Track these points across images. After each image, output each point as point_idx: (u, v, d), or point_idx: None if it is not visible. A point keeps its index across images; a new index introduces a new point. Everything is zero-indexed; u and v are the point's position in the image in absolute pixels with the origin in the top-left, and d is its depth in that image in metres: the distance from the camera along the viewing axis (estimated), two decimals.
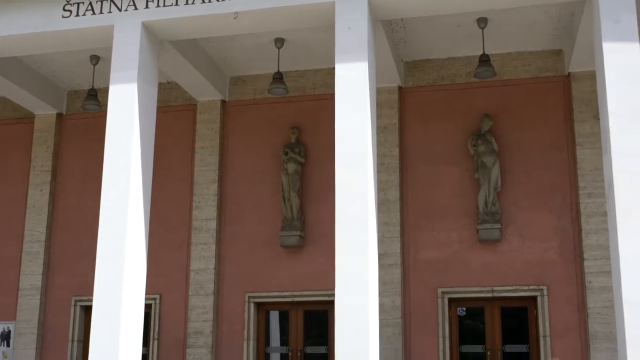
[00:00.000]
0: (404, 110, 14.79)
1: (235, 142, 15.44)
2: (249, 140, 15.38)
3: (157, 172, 13.74)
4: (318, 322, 14.71)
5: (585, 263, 13.28)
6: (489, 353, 13.78)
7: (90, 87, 15.26)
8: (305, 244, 14.59)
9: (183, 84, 14.88)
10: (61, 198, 15.89)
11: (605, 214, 13.09)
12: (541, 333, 13.42)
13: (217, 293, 14.74)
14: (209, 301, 14.57)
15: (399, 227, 14.13)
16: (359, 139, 10.97)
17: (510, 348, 13.78)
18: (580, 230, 13.51)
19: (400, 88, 14.78)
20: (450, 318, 13.94)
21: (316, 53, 14.58)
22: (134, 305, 11.44)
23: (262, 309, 14.88)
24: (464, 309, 14.14)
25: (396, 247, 14.05)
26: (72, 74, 15.65)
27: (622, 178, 10.22)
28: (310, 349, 14.52)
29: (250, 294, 14.65)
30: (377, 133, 14.36)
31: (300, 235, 14.41)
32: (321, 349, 14.44)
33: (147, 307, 14.36)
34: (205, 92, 15.21)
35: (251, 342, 14.46)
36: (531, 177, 13.99)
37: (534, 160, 14.04)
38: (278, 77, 13.91)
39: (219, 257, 14.88)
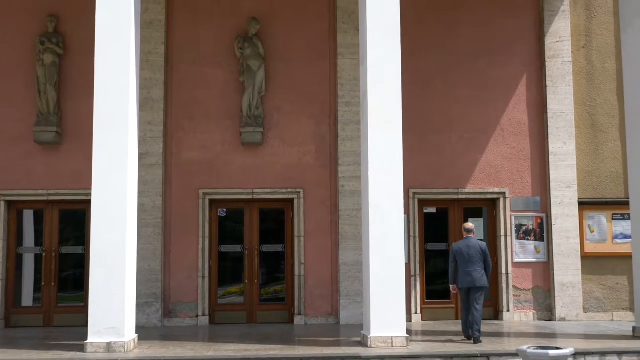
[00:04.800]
0: (171, 7, 14.36)
1: None
2: (0, 27, 14.14)
3: None
4: (75, 221, 14.27)
5: (340, 168, 14.06)
6: (247, 252, 14.27)
7: None
8: (62, 141, 13.92)
9: None
10: None
11: (359, 122, 13.85)
12: (296, 233, 14.11)
13: None
14: None
15: (162, 127, 13.94)
16: (121, 33, 10.56)
17: (267, 248, 14.37)
18: (336, 136, 14.20)
19: None
20: (210, 219, 14.18)
21: None
22: None
23: (14, 207, 14.10)
24: (225, 210, 14.43)
25: (158, 147, 13.89)
26: None
27: (374, 88, 10.81)
28: (66, 249, 14.09)
29: (0, 192, 13.81)
30: (142, 28, 13.88)
31: (56, 132, 13.70)
32: (78, 249, 14.08)
33: None
34: None
35: (1, 243, 13.73)
36: (295, 84, 14.35)
37: (298, 67, 14.38)
38: None
39: None
